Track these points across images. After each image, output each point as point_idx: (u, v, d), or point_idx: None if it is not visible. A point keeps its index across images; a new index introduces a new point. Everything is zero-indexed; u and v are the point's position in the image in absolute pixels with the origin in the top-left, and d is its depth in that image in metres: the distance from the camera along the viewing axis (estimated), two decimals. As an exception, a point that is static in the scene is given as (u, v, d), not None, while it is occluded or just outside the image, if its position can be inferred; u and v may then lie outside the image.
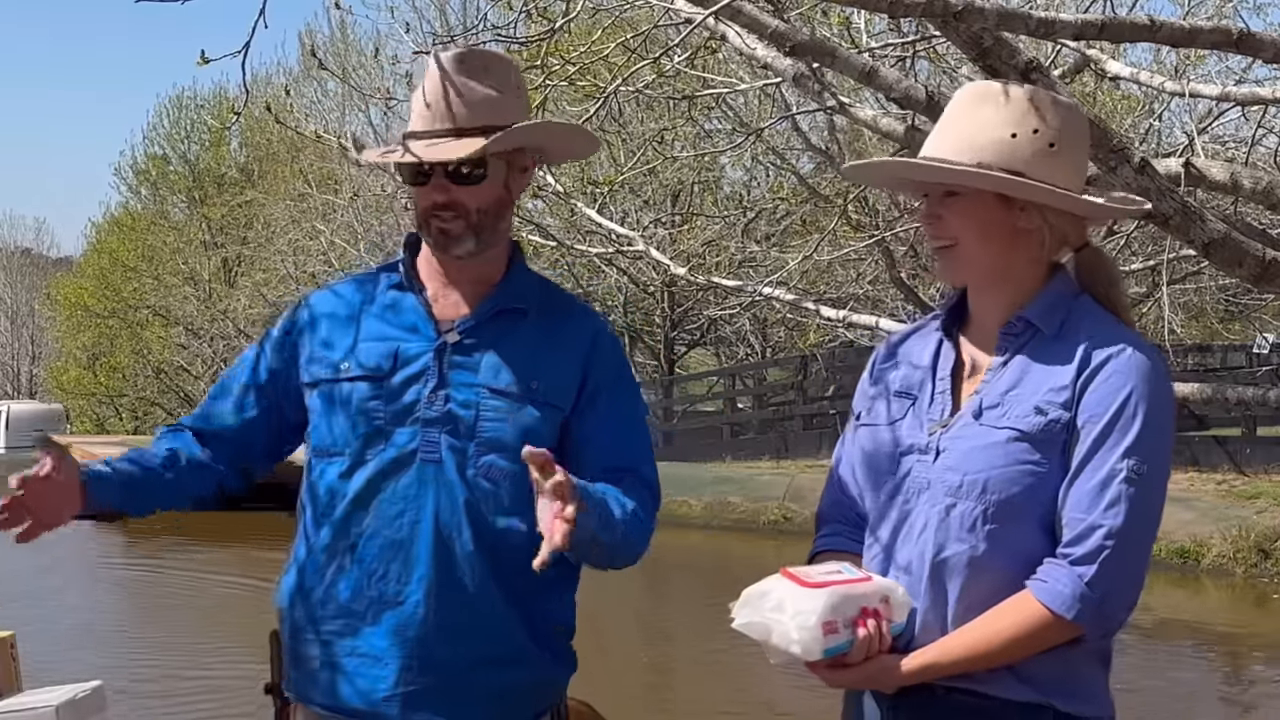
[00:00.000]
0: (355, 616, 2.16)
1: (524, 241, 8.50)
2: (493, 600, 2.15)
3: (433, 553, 2.13)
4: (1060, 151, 2.01)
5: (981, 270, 2.04)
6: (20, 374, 48.06)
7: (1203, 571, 12.45)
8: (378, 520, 2.16)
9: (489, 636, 2.15)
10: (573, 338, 2.23)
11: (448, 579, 2.13)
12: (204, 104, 35.22)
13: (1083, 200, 2.02)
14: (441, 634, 2.13)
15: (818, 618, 1.89)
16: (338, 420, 2.20)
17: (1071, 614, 1.89)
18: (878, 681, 1.98)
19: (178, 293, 33.18)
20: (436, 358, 2.18)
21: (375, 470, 2.16)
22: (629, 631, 10.66)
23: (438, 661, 2.14)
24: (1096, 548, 1.88)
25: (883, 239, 10.93)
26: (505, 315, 2.23)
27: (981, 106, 2.03)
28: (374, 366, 2.19)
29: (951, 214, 2.02)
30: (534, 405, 2.17)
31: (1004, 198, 2.00)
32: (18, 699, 2.20)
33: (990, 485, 1.93)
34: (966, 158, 1.99)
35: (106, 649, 9.52)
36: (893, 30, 5.85)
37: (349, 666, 2.17)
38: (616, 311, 24.65)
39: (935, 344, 2.11)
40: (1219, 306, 18.39)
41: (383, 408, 2.17)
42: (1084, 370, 1.94)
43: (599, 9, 5.66)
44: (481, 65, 2.21)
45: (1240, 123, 8.91)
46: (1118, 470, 1.89)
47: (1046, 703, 1.95)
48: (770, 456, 19.47)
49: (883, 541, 2.06)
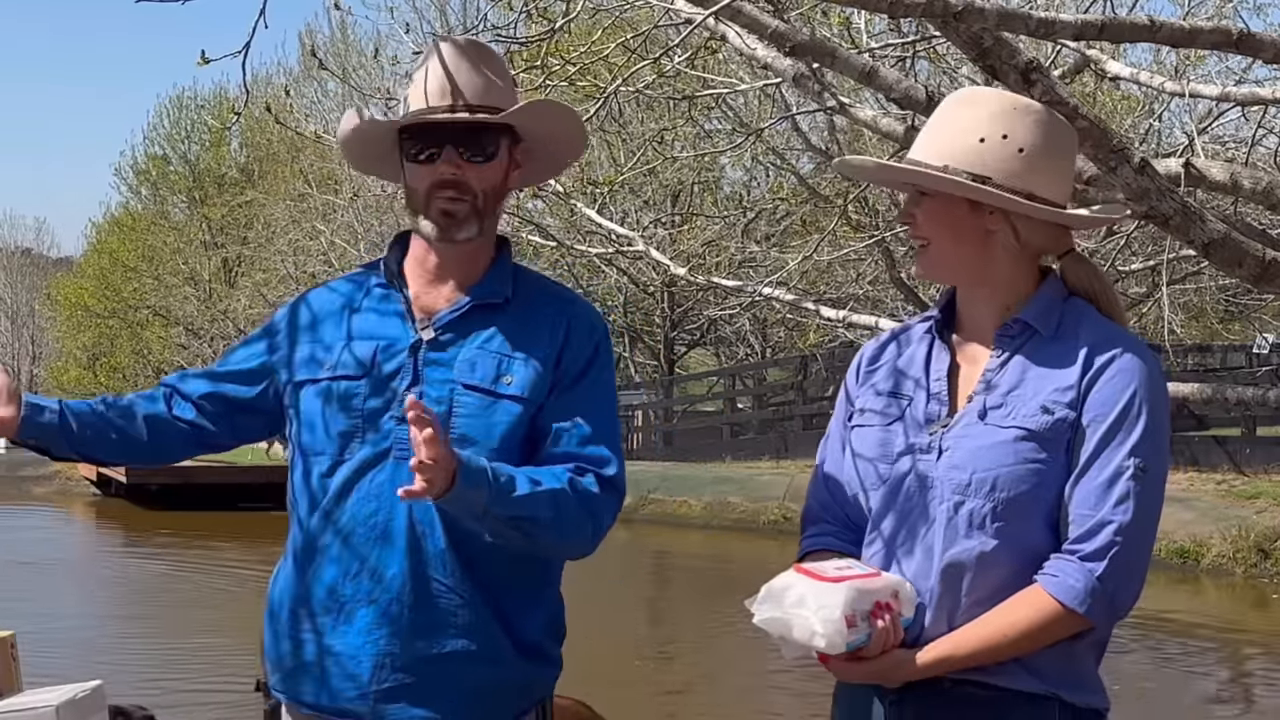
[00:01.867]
0: (331, 614, 2.16)
1: (524, 242, 8.49)
2: (466, 598, 2.14)
3: (406, 550, 2.13)
4: (1030, 158, 2.02)
5: (954, 270, 2.08)
6: (20, 374, 48.03)
7: (1203, 571, 12.45)
8: (353, 519, 2.16)
9: (462, 634, 2.14)
10: (547, 329, 2.22)
11: (421, 576, 2.13)
12: (204, 104, 35.26)
13: (1045, 208, 2.03)
14: (415, 631, 2.13)
15: (841, 611, 1.91)
16: (319, 419, 2.20)
17: (1084, 608, 1.93)
18: (890, 675, 2.00)
19: (178, 293, 33.21)
20: (412, 355, 2.18)
21: (352, 468, 2.17)
22: (629, 631, 10.65)
23: (412, 659, 2.13)
24: (1106, 543, 1.93)
25: (883, 239, 10.93)
26: (481, 310, 2.22)
27: (960, 111, 2.07)
28: (354, 365, 2.20)
29: (924, 215, 2.06)
30: (507, 400, 2.16)
31: (972, 202, 2.03)
32: (18, 699, 2.20)
33: (999, 483, 1.97)
34: (937, 160, 2.03)
35: (106, 649, 9.52)
36: (893, 30, 5.85)
37: (326, 664, 2.17)
38: (616, 311, 24.66)
39: (927, 345, 2.14)
40: (1219, 306, 18.40)
41: (360, 406, 2.17)
42: (1088, 370, 1.98)
43: (599, 9, 5.66)
44: (484, 55, 2.24)
45: (1240, 123, 8.90)
46: (1124, 468, 1.94)
47: (1053, 694, 1.98)
48: (770, 456, 19.48)
49: (885, 539, 2.07)
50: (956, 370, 2.10)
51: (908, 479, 2.05)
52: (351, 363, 2.20)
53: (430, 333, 2.20)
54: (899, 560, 2.05)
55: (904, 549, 2.05)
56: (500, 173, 2.22)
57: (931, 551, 2.01)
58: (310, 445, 2.22)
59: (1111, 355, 1.98)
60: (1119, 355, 1.98)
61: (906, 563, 2.04)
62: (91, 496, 21.46)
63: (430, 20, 22.86)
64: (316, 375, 2.22)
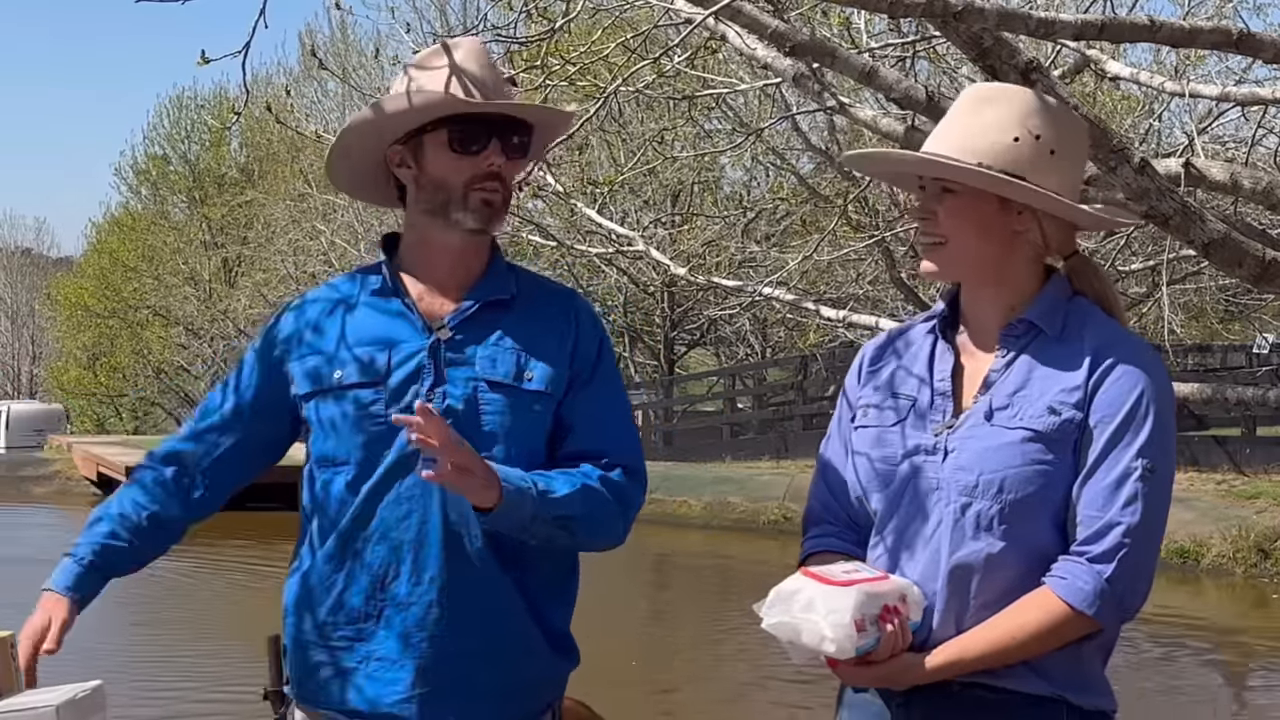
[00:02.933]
0: (367, 621, 2.16)
1: (524, 242, 8.49)
2: (504, 595, 2.15)
3: (443, 552, 2.13)
4: (1060, 158, 2.02)
5: (970, 269, 2.06)
6: (20, 374, 48.07)
7: (1203, 571, 12.44)
8: (384, 524, 2.15)
9: (502, 631, 2.15)
10: (558, 322, 2.23)
11: (460, 577, 2.13)
12: (204, 104, 35.27)
13: (1081, 209, 2.04)
14: (454, 632, 2.13)
15: (851, 615, 1.90)
16: (338, 429, 2.18)
17: (1093, 610, 1.92)
18: (899, 679, 1.99)
19: (178, 293, 33.19)
20: (431, 355, 2.17)
21: (381, 475, 2.15)
22: (629, 630, 10.64)
23: (452, 660, 2.13)
24: (1115, 545, 1.92)
25: (883, 239, 10.93)
26: (491, 307, 2.22)
27: (985, 108, 2.04)
28: (369, 371, 2.18)
29: (946, 212, 2.03)
30: (531, 395, 2.17)
31: (1002, 200, 2.01)
32: (18, 699, 2.20)
33: (1007, 484, 1.96)
34: (968, 158, 2.00)
35: (107, 650, 9.51)
36: (893, 30, 5.85)
37: (363, 671, 2.16)
38: (616, 311, 24.66)
39: (930, 345, 2.12)
40: (1219, 306, 18.39)
41: (383, 411, 2.15)
42: (1095, 371, 1.97)
43: (599, 9, 5.66)
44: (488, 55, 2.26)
45: (1240, 123, 8.90)
46: (1132, 469, 1.93)
47: (1061, 696, 1.98)
48: (770, 456, 19.48)
49: (890, 542, 2.06)
50: (960, 370, 2.08)
51: (913, 480, 2.04)
52: (365, 369, 2.18)
53: (446, 332, 2.19)
54: (904, 562, 2.04)
55: (909, 551, 2.03)
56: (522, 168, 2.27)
57: (938, 554, 2.00)
58: (332, 454, 2.20)
59: (1118, 356, 1.97)
60: (1126, 356, 1.98)
61: (911, 565, 2.03)
62: (92, 496, 21.44)
63: (430, 20, 22.89)
64: (328, 386, 2.20)
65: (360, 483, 2.17)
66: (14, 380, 47.80)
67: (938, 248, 2.05)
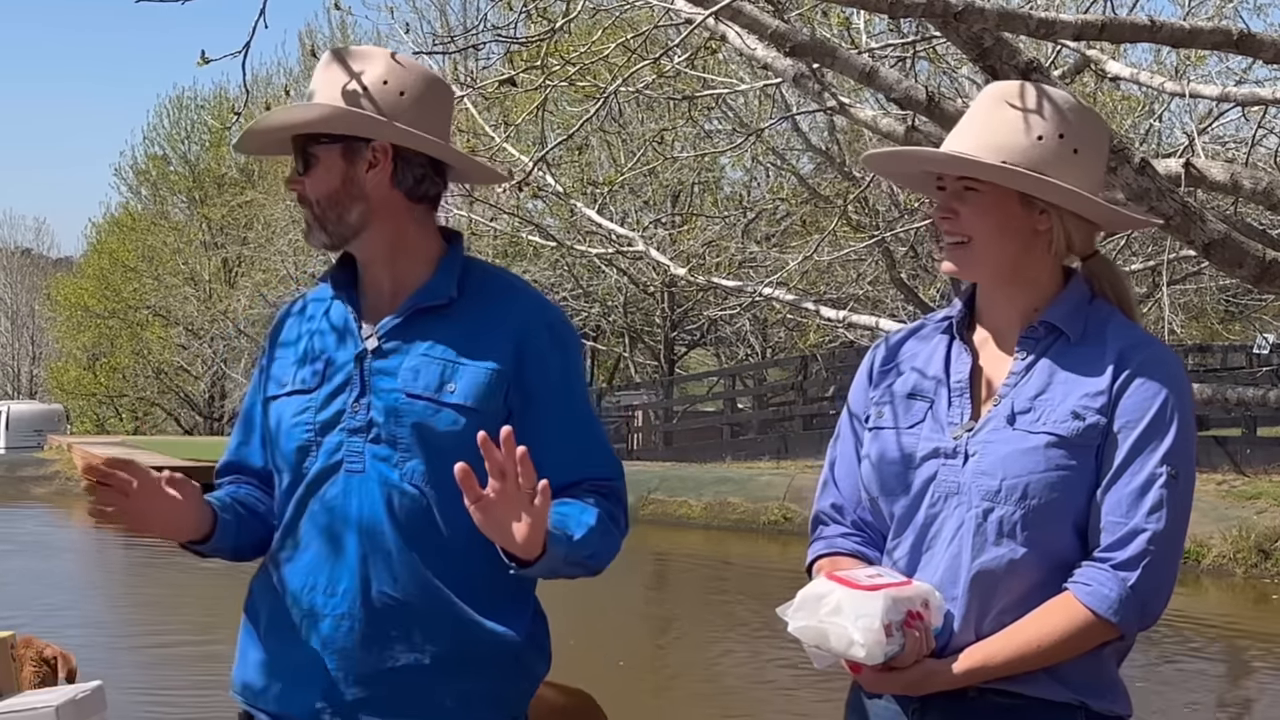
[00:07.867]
0: (294, 626, 2.14)
1: (524, 242, 8.49)
2: (425, 609, 2.09)
3: (358, 565, 2.10)
4: (1083, 156, 2.00)
5: (992, 268, 2.02)
6: (20, 374, 48.03)
7: (1203, 571, 12.44)
8: (309, 534, 2.14)
9: (421, 646, 2.10)
10: (497, 333, 2.13)
11: (375, 590, 2.09)
12: (204, 104, 35.31)
13: (1109, 207, 2.01)
14: (370, 646, 2.09)
15: (880, 620, 1.88)
16: (279, 436, 2.18)
17: (1117, 617, 1.90)
18: (923, 685, 1.96)
19: (178, 293, 33.20)
20: (358, 365, 2.14)
21: (307, 484, 2.14)
22: (628, 630, 10.64)
23: (370, 672, 2.10)
24: (1140, 552, 1.90)
25: (883, 239, 10.94)
26: (424, 314, 2.14)
27: (1006, 108, 2.01)
28: (305, 381, 2.17)
29: (969, 210, 2.00)
30: (452, 409, 2.09)
31: (1025, 199, 1.98)
32: (18, 699, 2.20)
33: (1030, 490, 1.93)
34: (991, 156, 1.97)
35: (106, 650, 9.51)
36: (893, 30, 5.85)
37: (285, 679, 2.15)
38: (616, 311, 24.66)
39: (946, 346, 2.08)
40: (1219, 307, 18.41)
41: (311, 419, 2.14)
42: (1119, 375, 1.94)
43: (599, 9, 5.66)
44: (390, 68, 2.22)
45: (1240, 123, 8.89)
46: (1157, 475, 1.91)
47: (1080, 702, 1.96)
48: (770, 457, 19.47)
49: (906, 546, 2.03)
50: (978, 372, 2.05)
51: (932, 484, 2.00)
52: (305, 377, 2.18)
53: (374, 342, 2.15)
54: (923, 566, 2.01)
55: (929, 555, 2.00)
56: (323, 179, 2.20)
57: (959, 559, 1.96)
58: (275, 461, 2.21)
59: (1142, 360, 1.94)
60: (1150, 360, 1.95)
61: (931, 569, 1.99)
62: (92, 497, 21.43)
63: (430, 20, 22.90)
64: (277, 392, 2.20)
65: (291, 492, 2.16)
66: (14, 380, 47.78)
67: (960, 247, 2.01)
